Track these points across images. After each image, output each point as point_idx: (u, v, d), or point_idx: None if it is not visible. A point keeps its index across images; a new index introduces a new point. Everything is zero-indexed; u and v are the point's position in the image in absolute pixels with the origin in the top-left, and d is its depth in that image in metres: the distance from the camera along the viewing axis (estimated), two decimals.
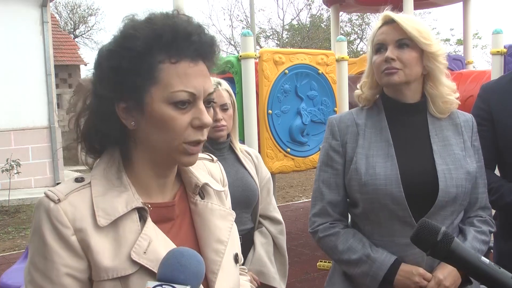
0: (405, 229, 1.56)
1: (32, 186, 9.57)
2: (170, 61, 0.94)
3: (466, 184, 1.59)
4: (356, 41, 24.29)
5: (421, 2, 7.11)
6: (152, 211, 1.00)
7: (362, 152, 1.63)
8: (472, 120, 1.73)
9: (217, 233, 1.08)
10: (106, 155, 1.03)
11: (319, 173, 1.73)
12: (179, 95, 0.94)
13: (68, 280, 0.92)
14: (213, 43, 0.99)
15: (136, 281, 0.93)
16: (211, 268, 1.05)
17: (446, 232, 0.95)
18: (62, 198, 0.95)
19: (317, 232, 1.70)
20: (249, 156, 2.24)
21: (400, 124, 1.66)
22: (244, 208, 2.12)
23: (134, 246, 0.94)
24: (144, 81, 0.94)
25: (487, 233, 1.66)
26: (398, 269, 1.56)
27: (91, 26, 27.44)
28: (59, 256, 0.92)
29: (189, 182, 1.10)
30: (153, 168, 1.02)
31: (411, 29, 1.57)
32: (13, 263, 4.26)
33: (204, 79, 0.98)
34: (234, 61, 4.36)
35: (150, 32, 0.93)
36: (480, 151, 1.71)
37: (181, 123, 0.95)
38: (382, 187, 1.56)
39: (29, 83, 9.47)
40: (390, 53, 1.58)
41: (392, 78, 1.59)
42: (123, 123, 0.99)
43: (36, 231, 0.94)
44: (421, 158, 1.62)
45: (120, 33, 0.96)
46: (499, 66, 4.58)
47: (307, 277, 4.54)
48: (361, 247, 1.61)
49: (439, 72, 1.63)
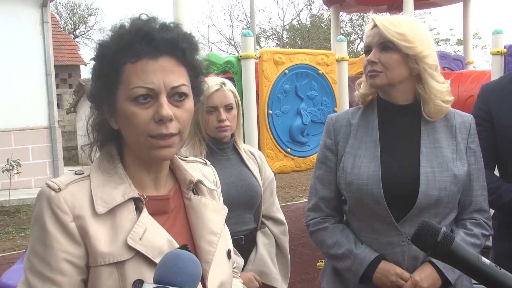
0: (386, 228, 1.60)
1: (32, 186, 9.58)
2: (130, 61, 1.00)
3: (450, 187, 1.59)
4: (356, 41, 24.28)
5: (421, 2, 7.10)
6: (147, 203, 1.05)
7: (350, 151, 1.68)
8: (470, 121, 1.70)
9: (210, 225, 1.12)
10: (104, 152, 1.09)
11: (315, 170, 1.79)
12: (137, 91, 0.99)
13: (66, 266, 0.96)
14: (179, 38, 1.03)
15: (131, 267, 0.97)
16: (205, 258, 1.09)
17: (447, 233, 0.94)
18: (63, 188, 1.00)
19: (309, 226, 1.77)
20: (252, 156, 2.24)
21: (391, 125, 1.67)
22: (247, 208, 2.13)
23: (131, 233, 0.98)
24: (113, 83, 1.02)
25: (478, 236, 1.65)
26: (377, 266, 1.60)
27: (91, 26, 27.48)
28: (58, 242, 0.96)
29: (183, 178, 1.15)
30: (142, 163, 1.07)
31: (392, 33, 1.58)
32: (13, 263, 4.27)
33: (165, 74, 1.01)
34: (234, 61, 4.36)
35: (116, 38, 1.02)
36: (478, 153, 1.69)
37: (142, 118, 0.99)
38: (364, 186, 1.60)
39: (29, 83, 9.48)
40: (372, 56, 1.62)
41: (374, 81, 1.63)
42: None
43: (36, 219, 0.99)
44: (406, 159, 1.63)
45: (97, 44, 1.06)
46: (499, 66, 4.59)
47: (307, 277, 4.55)
48: (346, 242, 1.67)
49: (427, 74, 1.61)
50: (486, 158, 1.78)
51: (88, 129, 1.10)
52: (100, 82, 1.04)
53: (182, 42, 1.03)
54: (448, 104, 1.65)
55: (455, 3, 7.37)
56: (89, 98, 1.08)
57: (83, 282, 0.99)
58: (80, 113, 15.32)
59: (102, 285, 0.96)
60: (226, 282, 1.12)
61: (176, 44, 1.02)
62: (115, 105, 1.03)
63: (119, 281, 0.96)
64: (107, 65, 1.02)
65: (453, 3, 7.44)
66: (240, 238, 2.07)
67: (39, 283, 0.95)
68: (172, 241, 1.03)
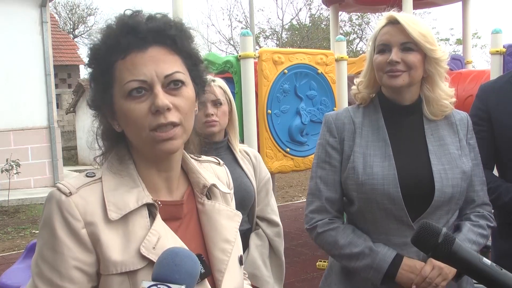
0: (401, 228, 1.57)
1: (31, 186, 9.56)
2: (120, 58, 0.98)
3: (461, 184, 1.60)
4: (355, 41, 24.29)
5: (421, 1, 7.10)
6: (161, 208, 1.01)
7: (359, 151, 1.63)
8: (467, 118, 1.72)
9: (224, 233, 1.09)
10: (113, 153, 1.05)
11: (316, 170, 1.71)
12: (129, 85, 0.96)
13: (76, 273, 0.93)
14: (166, 27, 1.00)
15: (144, 276, 0.93)
16: (218, 267, 1.05)
17: (447, 234, 0.94)
18: (74, 192, 0.96)
19: (315, 228, 1.68)
20: (247, 156, 2.20)
21: (397, 124, 1.66)
22: (239, 209, 2.09)
23: (144, 241, 0.95)
24: (107, 84, 0.99)
25: (484, 226, 1.66)
26: (400, 263, 1.55)
27: (91, 26, 27.43)
28: (68, 249, 0.93)
29: (197, 182, 1.11)
30: (151, 163, 1.04)
31: (416, 34, 1.55)
32: (12, 263, 4.25)
33: (157, 63, 0.97)
34: (233, 61, 4.36)
35: (103, 38, 1.00)
36: (476, 149, 1.71)
37: (139, 112, 0.96)
38: (379, 186, 1.56)
39: (28, 83, 9.47)
40: (395, 56, 1.56)
41: (396, 81, 1.58)
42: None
43: (46, 223, 0.95)
44: (417, 158, 1.62)
45: (88, 48, 1.04)
46: (498, 65, 4.59)
47: (306, 277, 4.54)
48: (362, 241, 1.61)
49: (439, 76, 1.62)
50: (485, 158, 1.78)
51: (97, 140, 1.07)
52: (97, 85, 1.02)
53: (170, 30, 1.00)
54: (453, 105, 1.67)
55: (454, 2, 7.37)
56: (90, 105, 1.05)
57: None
58: (79, 113, 15.31)
59: None
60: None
61: (163, 32, 0.99)
62: (113, 106, 1.00)
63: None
64: (100, 67, 1.00)
65: (452, 3, 7.44)
66: None
67: None
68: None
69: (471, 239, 1.61)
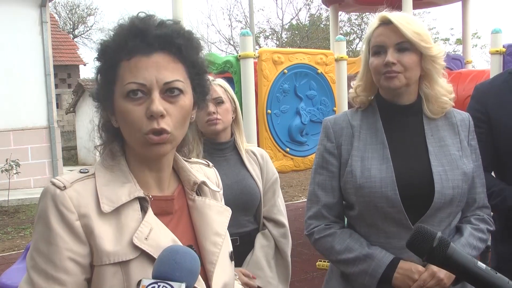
0: (401, 231, 1.55)
1: (31, 186, 9.56)
2: (125, 58, 1.01)
3: (462, 185, 1.57)
4: (355, 41, 24.29)
5: (420, 1, 7.09)
6: (152, 203, 1.04)
7: (357, 154, 1.61)
8: (468, 119, 1.70)
9: (215, 227, 1.12)
10: (107, 150, 1.09)
11: (314, 176, 1.71)
12: (129, 87, 0.99)
13: (70, 265, 0.95)
14: (173, 34, 1.02)
15: (136, 267, 0.96)
16: (210, 259, 1.08)
17: (442, 238, 0.94)
18: (68, 186, 0.99)
19: (313, 234, 1.68)
20: (254, 156, 2.17)
21: (396, 126, 1.64)
22: (242, 211, 2.06)
23: (136, 232, 0.98)
24: (111, 80, 1.03)
25: (484, 230, 1.65)
26: (396, 267, 1.53)
27: (90, 26, 27.46)
28: (63, 241, 0.95)
29: (187, 179, 1.14)
30: (143, 162, 1.07)
31: (410, 33, 1.53)
32: (12, 263, 4.26)
33: (159, 70, 1.00)
34: (233, 61, 4.36)
35: (113, 36, 1.03)
36: (477, 150, 1.69)
37: (137, 115, 0.99)
38: (377, 189, 1.55)
39: (28, 83, 9.47)
40: (391, 57, 1.54)
41: (393, 82, 1.56)
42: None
43: (41, 216, 0.98)
44: (416, 159, 1.60)
45: (98, 43, 1.07)
46: (498, 65, 4.59)
47: (306, 277, 4.55)
48: (358, 246, 1.59)
49: (436, 73, 1.61)
50: (485, 160, 1.76)
51: (99, 130, 1.11)
52: (101, 80, 1.06)
53: (177, 38, 1.02)
54: (452, 101, 1.65)
55: (454, 2, 7.37)
56: (93, 97, 1.09)
57: (87, 281, 0.98)
58: (79, 113, 15.30)
59: (106, 285, 0.96)
60: (229, 283, 1.12)
61: (170, 40, 1.02)
62: (113, 103, 1.03)
63: (123, 280, 0.96)
64: (106, 63, 1.04)
65: (452, 3, 7.43)
66: (234, 239, 2.03)
67: (43, 282, 0.94)
68: (177, 242, 1.02)
69: (472, 244, 1.59)
